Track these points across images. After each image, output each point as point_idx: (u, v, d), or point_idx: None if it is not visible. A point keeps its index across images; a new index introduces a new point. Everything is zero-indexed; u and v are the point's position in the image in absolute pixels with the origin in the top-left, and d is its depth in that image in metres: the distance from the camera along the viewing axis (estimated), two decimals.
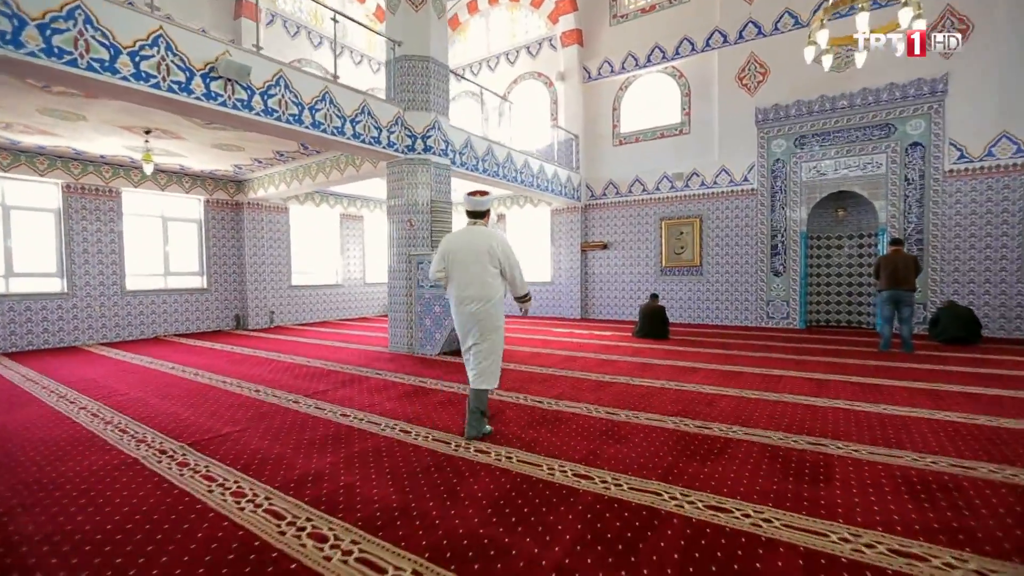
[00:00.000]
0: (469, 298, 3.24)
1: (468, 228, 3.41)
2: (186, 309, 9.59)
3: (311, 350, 7.28)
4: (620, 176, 11.21)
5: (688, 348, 6.97)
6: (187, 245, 9.78)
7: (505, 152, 8.94)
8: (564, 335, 8.61)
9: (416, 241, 6.90)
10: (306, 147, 7.77)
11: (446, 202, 7.15)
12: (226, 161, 8.53)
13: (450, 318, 6.42)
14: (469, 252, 3.25)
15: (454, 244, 3.32)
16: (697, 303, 10.31)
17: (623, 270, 11.23)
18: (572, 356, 6.45)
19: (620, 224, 11.26)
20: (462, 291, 3.27)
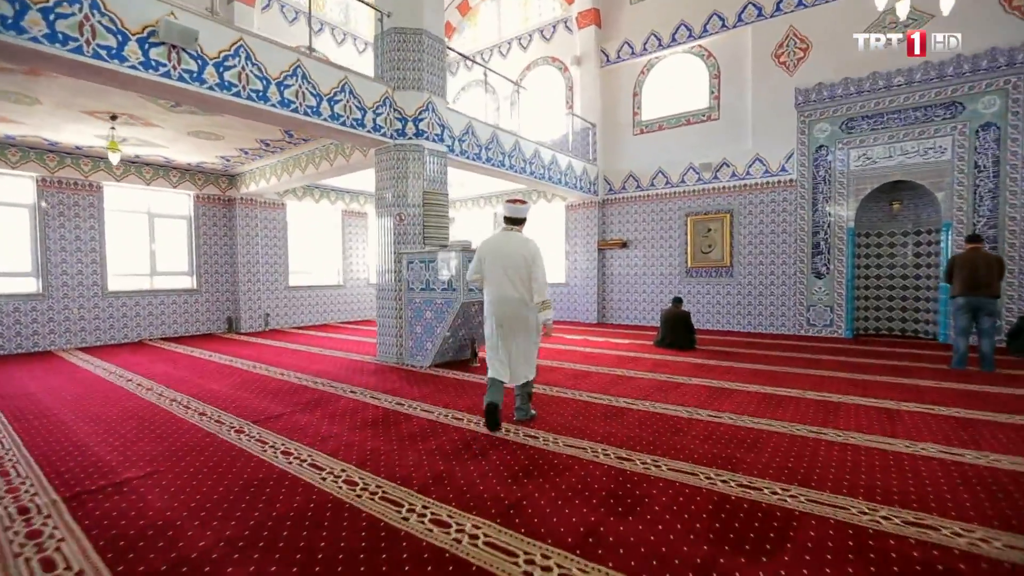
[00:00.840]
0: (508, 298, 3.46)
1: (506, 234, 3.59)
2: (174, 311, 9.03)
3: (294, 359, 6.57)
4: (641, 168, 10.24)
5: (718, 362, 6.00)
6: (176, 243, 9.22)
7: (512, 140, 8.09)
8: (577, 343, 7.72)
9: (406, 237, 6.11)
10: (291, 135, 7.07)
11: (442, 194, 6.34)
12: (210, 152, 7.90)
13: (441, 326, 5.62)
14: (508, 257, 3.46)
15: (493, 248, 3.53)
16: (726, 308, 9.27)
17: (644, 271, 10.26)
18: (583, 371, 5.56)
19: (641, 220, 10.29)
20: (502, 292, 3.47)
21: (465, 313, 5.63)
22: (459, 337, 5.92)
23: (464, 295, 5.44)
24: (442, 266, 5.61)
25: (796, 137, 8.41)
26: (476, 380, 5.15)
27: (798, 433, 3.35)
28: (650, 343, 7.56)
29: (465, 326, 5.84)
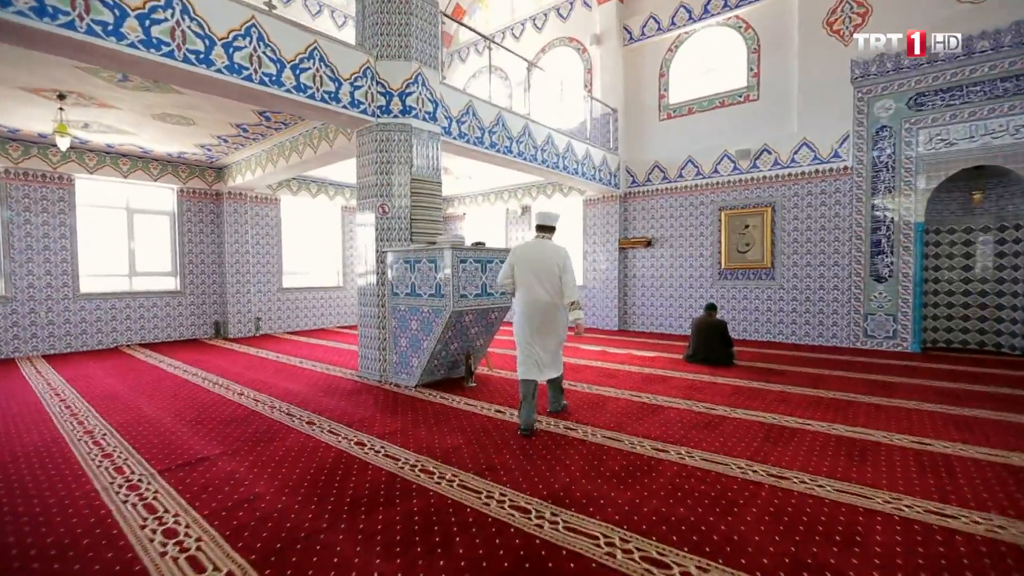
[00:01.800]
0: (542, 302, 3.63)
1: (539, 241, 3.78)
2: (155, 315, 8.33)
3: (267, 373, 5.73)
4: (668, 157, 9.14)
5: (765, 384, 4.92)
6: (158, 241, 8.52)
7: (521, 124, 7.12)
8: (595, 355, 6.70)
9: (391, 233, 5.19)
10: (268, 118, 6.24)
11: (433, 182, 5.41)
12: (186, 140, 7.15)
13: (428, 339, 4.69)
14: (541, 263, 3.64)
15: (527, 255, 3.70)
16: (766, 315, 8.11)
17: (671, 272, 9.15)
18: (599, 396, 4.55)
19: (668, 216, 9.19)
20: (535, 296, 3.63)
21: (458, 324, 4.69)
22: (451, 352, 4.98)
23: (455, 302, 4.49)
24: (429, 267, 4.67)
25: (852, 117, 7.21)
26: (468, 408, 4.20)
27: (911, 515, 2.29)
28: (679, 357, 6.50)
29: (458, 339, 4.89)
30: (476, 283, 4.70)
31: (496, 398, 4.49)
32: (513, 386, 4.97)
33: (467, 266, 4.61)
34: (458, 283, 4.52)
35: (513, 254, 3.75)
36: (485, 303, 4.81)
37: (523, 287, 3.67)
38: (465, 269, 4.59)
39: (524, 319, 3.67)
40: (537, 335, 3.65)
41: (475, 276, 4.69)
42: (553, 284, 3.61)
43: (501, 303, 4.99)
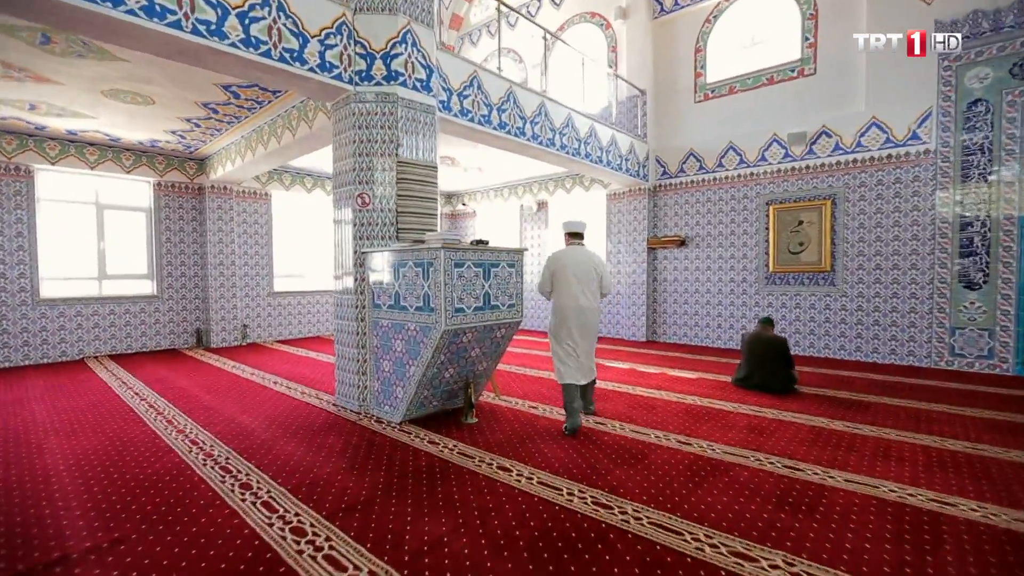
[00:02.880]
0: (584, 307, 3.81)
1: (575, 248, 3.94)
2: (127, 323, 7.48)
3: (231, 396, 4.77)
4: (705, 144, 7.97)
5: (851, 426, 3.77)
6: (132, 240, 7.67)
7: (536, 101, 6.05)
8: (622, 376, 5.60)
9: (373, 230, 4.17)
10: (236, 94, 5.29)
11: (426, 166, 4.37)
12: (154, 125, 6.25)
13: (415, 364, 3.66)
14: (582, 268, 3.84)
15: (568, 261, 3.84)
16: (824, 327, 6.90)
17: (708, 276, 7.99)
18: (638, 441, 3.47)
19: (704, 211, 8.02)
20: (578, 302, 3.80)
21: (453, 346, 3.65)
22: (447, 380, 3.94)
23: (449, 319, 3.45)
24: (416, 272, 3.64)
25: (936, 90, 5.98)
26: (464, 460, 3.15)
27: None
28: (725, 379, 5.37)
29: (455, 363, 3.85)
30: (477, 293, 3.66)
31: (503, 443, 3.44)
32: (524, 420, 3.92)
33: (465, 271, 3.57)
34: (453, 293, 3.48)
35: (555, 261, 3.87)
36: (489, 318, 3.76)
37: (565, 293, 3.82)
38: (462, 275, 3.55)
39: (568, 323, 3.81)
40: (581, 339, 3.81)
41: (475, 284, 3.64)
42: (592, 288, 3.87)
43: (509, 317, 3.94)
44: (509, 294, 3.92)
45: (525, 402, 4.55)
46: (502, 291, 3.85)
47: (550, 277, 3.86)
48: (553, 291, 3.87)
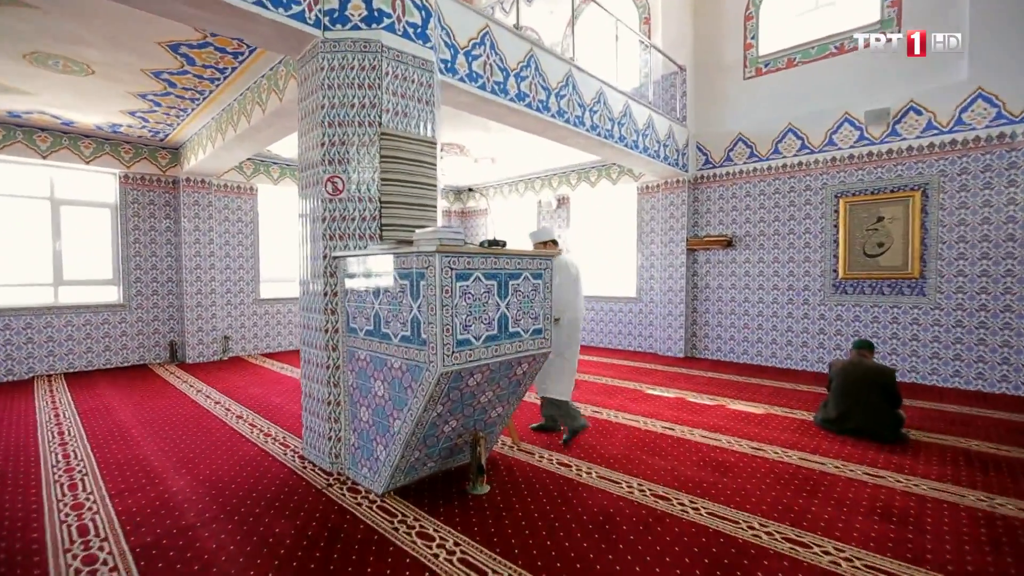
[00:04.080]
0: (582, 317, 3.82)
1: (567, 254, 4.20)
2: (88, 336, 6.50)
3: (172, 438, 3.72)
4: (758, 127, 6.77)
5: (999, 500, 2.59)
6: (95, 241, 6.70)
7: (563, 70, 4.93)
8: (669, 410, 4.44)
9: (347, 227, 3.08)
10: (191, 60, 4.25)
11: (420, 139, 3.26)
12: (108, 104, 5.26)
13: (402, 417, 2.56)
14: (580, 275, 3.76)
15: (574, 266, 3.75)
16: (911, 345, 5.67)
17: (761, 283, 6.78)
18: (726, 537, 2.32)
19: (756, 206, 6.82)
20: (581, 313, 3.75)
21: (455, 391, 2.54)
22: (447, 434, 2.83)
23: (448, 356, 2.35)
24: (401, 286, 2.53)
25: None
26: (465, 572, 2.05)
27: None
28: (801, 415, 4.19)
29: (459, 413, 2.74)
30: (489, 316, 2.54)
31: (527, 536, 2.32)
32: (556, 489, 2.82)
33: (472, 285, 2.45)
34: (454, 318, 2.37)
35: (574, 269, 3.69)
36: (506, 351, 2.65)
37: (580, 306, 3.70)
38: (468, 291, 2.44)
39: (576, 338, 3.68)
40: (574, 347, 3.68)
41: (487, 303, 2.53)
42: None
43: (534, 348, 2.82)
44: (534, 315, 2.80)
45: (553, 456, 3.42)
46: (524, 312, 2.74)
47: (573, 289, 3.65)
48: (566, 306, 3.59)
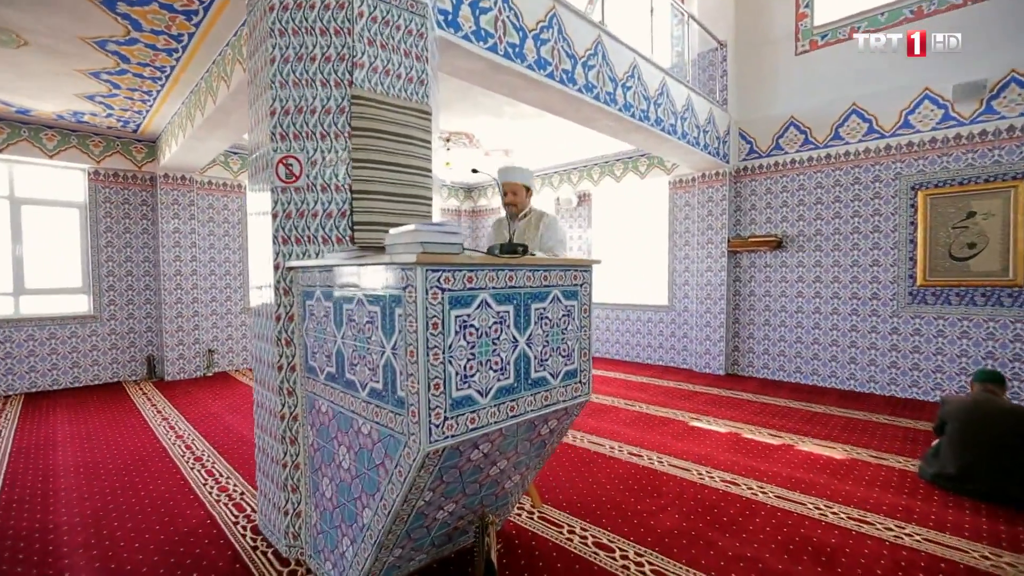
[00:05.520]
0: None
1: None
2: (53, 350, 5.80)
3: (123, 488, 2.95)
4: (813, 109, 5.83)
5: None
6: (61, 245, 6.01)
7: (591, 36, 4.07)
8: (725, 451, 3.55)
9: (305, 224, 2.25)
10: (136, 22, 3.47)
11: (409, 107, 2.42)
12: (59, 87, 4.53)
13: (372, 502, 1.69)
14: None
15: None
16: (1015, 367, 4.68)
17: (818, 290, 5.83)
18: None
19: (812, 200, 5.87)
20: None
21: (454, 470, 1.69)
22: (442, 520, 1.98)
23: (440, 428, 1.50)
24: (369, 314, 1.69)
25: None
26: None
27: None
28: (896, 463, 3.26)
29: (458, 495, 1.90)
30: (502, 358, 1.70)
31: None
32: None
33: (476, 314, 1.61)
34: (447, 364, 1.53)
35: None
36: (529, 406, 1.80)
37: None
38: (469, 323, 1.59)
39: None
40: None
41: (499, 339, 1.68)
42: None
43: (567, 397, 1.97)
44: (566, 352, 1.95)
45: (588, 531, 2.55)
46: (554, 348, 1.89)
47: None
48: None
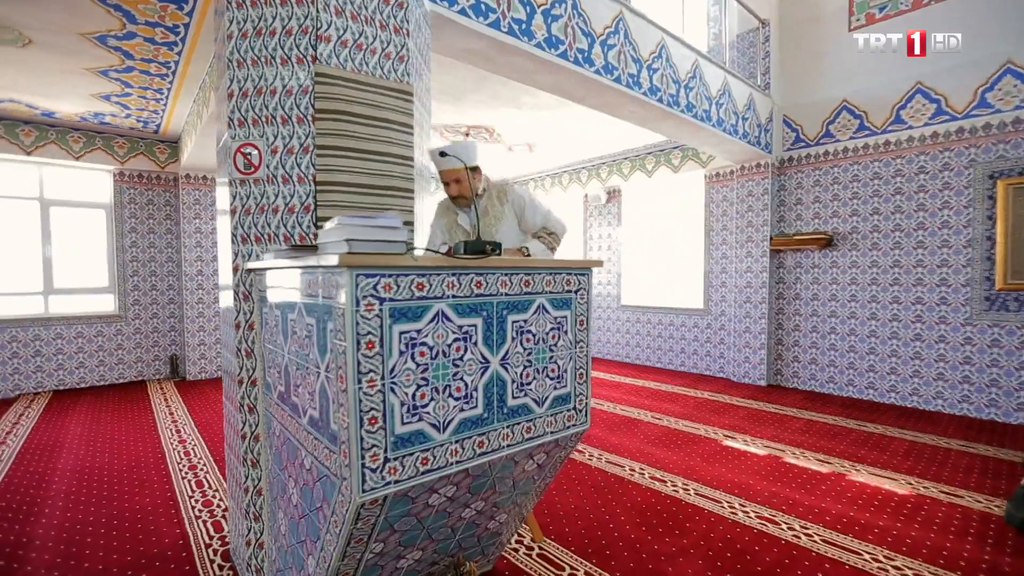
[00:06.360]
0: None
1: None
2: (80, 349, 5.90)
3: (111, 495, 2.82)
4: (870, 91, 5.20)
5: None
6: (89, 246, 6.11)
7: (612, 12, 3.68)
8: (742, 474, 3.09)
9: (265, 221, 1.99)
10: (130, 16, 3.35)
11: (387, 88, 2.13)
12: (74, 86, 4.53)
13: (317, 554, 1.39)
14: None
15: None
16: None
17: (873, 294, 5.20)
18: None
19: (867, 193, 5.24)
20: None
21: (406, 520, 1.39)
22: (408, 568, 1.67)
23: (375, 475, 1.20)
24: (308, 328, 1.41)
25: None
26: None
27: None
28: (960, 497, 2.72)
29: (424, 542, 1.59)
30: (467, 383, 1.38)
31: None
32: None
33: (430, 329, 1.29)
34: (388, 393, 1.22)
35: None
36: (505, 440, 1.47)
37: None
38: (420, 340, 1.27)
39: None
40: None
41: (463, 359, 1.36)
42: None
43: (554, 428, 1.63)
44: (555, 373, 1.61)
45: (595, 574, 2.20)
46: (539, 368, 1.55)
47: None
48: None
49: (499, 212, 2.25)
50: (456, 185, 2.13)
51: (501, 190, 2.29)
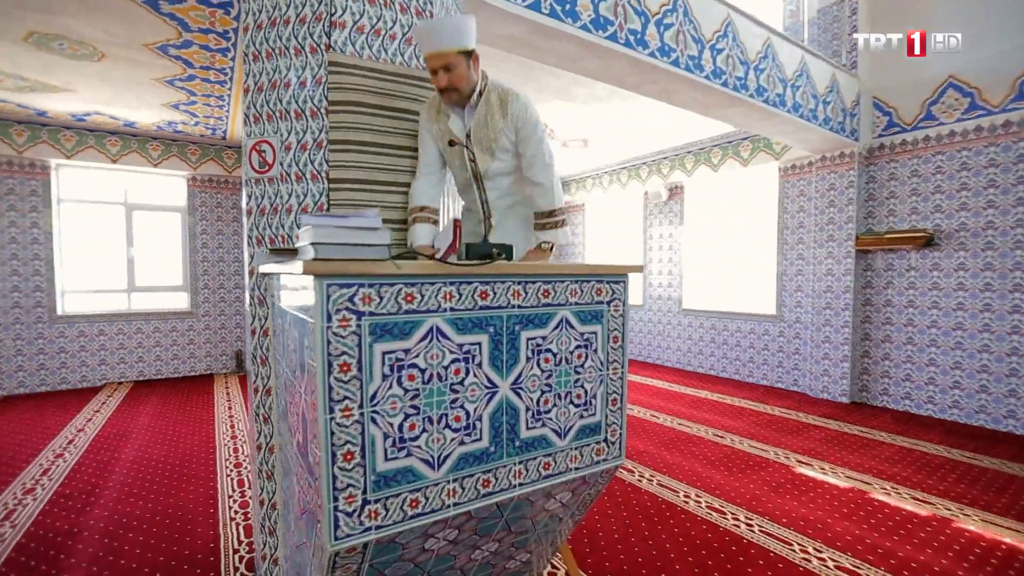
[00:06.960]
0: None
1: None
2: (157, 343, 6.33)
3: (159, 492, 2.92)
4: (984, 63, 4.44)
5: None
6: (166, 247, 6.54)
7: None
8: (818, 511, 2.64)
9: (277, 222, 1.89)
10: (184, 23, 3.45)
11: (409, 76, 1.96)
12: (147, 97, 4.81)
13: None
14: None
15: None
16: None
17: (987, 301, 4.43)
18: None
19: (979, 185, 4.48)
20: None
21: (397, 566, 1.20)
22: None
23: (351, 520, 1.02)
24: (294, 341, 1.26)
25: None
26: None
27: None
28: None
29: None
30: (468, 411, 1.17)
31: None
32: None
33: (422, 348, 1.10)
34: (368, 423, 1.04)
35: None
36: (516, 479, 1.25)
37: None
38: (408, 362, 1.08)
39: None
40: None
41: (463, 383, 1.15)
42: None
43: (579, 464, 1.38)
44: (581, 400, 1.37)
45: None
46: (560, 393, 1.32)
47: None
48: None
49: (497, 126, 1.69)
50: (445, 74, 1.60)
51: (504, 96, 1.70)
